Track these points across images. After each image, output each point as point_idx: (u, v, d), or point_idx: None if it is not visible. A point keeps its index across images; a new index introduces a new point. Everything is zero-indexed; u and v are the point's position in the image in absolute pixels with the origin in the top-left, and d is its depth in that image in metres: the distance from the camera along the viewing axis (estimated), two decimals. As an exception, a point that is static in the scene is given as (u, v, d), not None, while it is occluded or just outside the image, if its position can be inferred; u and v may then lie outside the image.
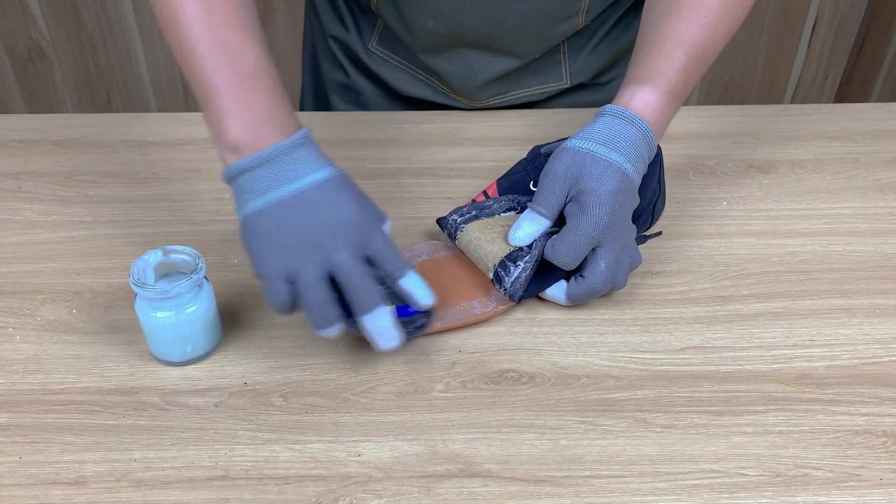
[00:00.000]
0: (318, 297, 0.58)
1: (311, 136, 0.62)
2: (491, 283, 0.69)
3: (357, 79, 0.97)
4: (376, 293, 0.59)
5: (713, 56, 0.72)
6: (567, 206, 0.66)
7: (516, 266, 0.67)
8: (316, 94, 1.03)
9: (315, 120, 0.93)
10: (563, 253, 0.65)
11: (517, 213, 0.72)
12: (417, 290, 0.61)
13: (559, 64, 0.92)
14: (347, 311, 0.60)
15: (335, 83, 1.00)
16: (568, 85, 0.93)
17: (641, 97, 0.68)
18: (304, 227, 0.58)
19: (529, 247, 0.67)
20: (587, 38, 0.92)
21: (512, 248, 0.68)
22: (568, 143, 0.67)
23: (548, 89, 0.93)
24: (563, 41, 0.90)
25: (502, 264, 0.67)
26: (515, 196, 0.73)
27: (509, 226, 0.69)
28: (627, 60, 0.95)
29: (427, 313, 0.64)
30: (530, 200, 0.68)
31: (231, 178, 0.61)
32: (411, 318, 0.64)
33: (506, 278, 0.67)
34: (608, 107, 0.68)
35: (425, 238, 0.77)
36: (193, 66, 0.62)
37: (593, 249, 0.65)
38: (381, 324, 0.60)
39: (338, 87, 1.00)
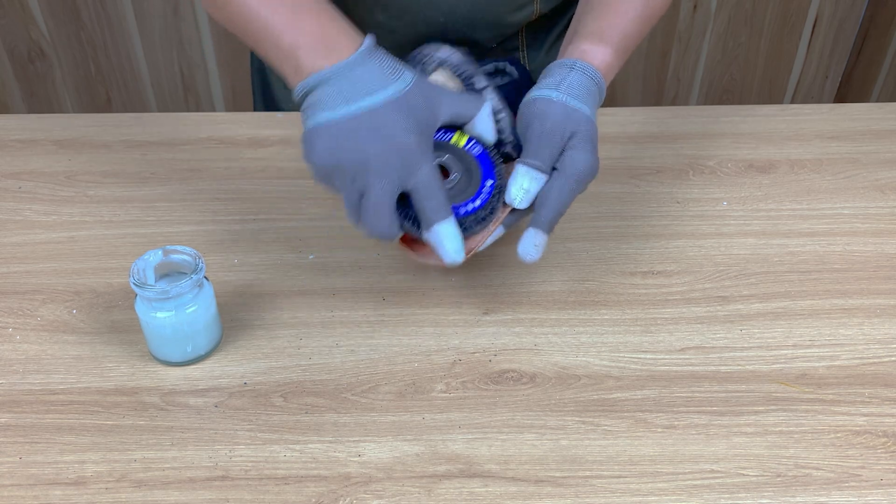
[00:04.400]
0: (354, 217, 0.61)
1: (371, 51, 0.62)
2: None
3: None
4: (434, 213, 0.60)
5: (658, 15, 0.74)
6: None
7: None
8: (265, 95, 1.01)
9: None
10: (549, 204, 0.64)
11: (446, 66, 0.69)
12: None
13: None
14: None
15: (284, 86, 0.98)
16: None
17: (604, 57, 0.68)
18: (350, 150, 0.59)
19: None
20: (545, 34, 0.91)
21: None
22: (553, 97, 0.66)
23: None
24: (522, 36, 0.90)
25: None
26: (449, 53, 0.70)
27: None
28: None
29: (489, 205, 0.63)
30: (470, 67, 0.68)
31: (299, 96, 0.62)
32: (473, 215, 0.63)
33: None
34: (579, 63, 0.67)
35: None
36: (243, 8, 0.64)
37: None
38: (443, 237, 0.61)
39: (287, 90, 0.98)
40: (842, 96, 2.12)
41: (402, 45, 0.86)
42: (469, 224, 0.63)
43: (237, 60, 1.94)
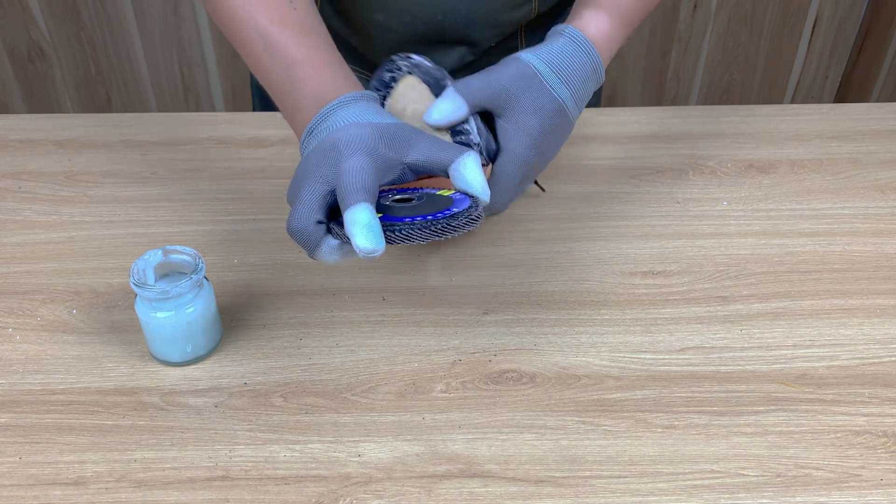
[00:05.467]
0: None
1: (370, 98, 0.61)
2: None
3: None
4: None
5: None
6: (498, 123, 0.64)
7: (465, 131, 0.62)
8: (264, 95, 1.01)
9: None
10: (497, 195, 0.64)
11: (396, 79, 0.66)
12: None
13: None
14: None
15: None
16: None
17: (599, 25, 0.67)
18: (309, 158, 0.57)
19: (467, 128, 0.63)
20: (545, 32, 0.91)
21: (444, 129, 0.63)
22: (521, 55, 0.65)
23: None
24: (521, 34, 0.90)
25: (455, 132, 0.63)
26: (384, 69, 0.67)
27: (415, 109, 0.64)
28: None
29: (445, 220, 0.54)
30: (397, 71, 0.66)
31: (303, 142, 0.61)
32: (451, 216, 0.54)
33: (471, 140, 0.62)
34: (569, 29, 0.66)
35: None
36: (254, 69, 0.65)
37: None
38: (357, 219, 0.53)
39: None
40: (842, 96, 2.12)
41: (401, 45, 0.86)
42: (409, 230, 0.53)
43: (237, 60, 1.94)
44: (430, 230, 0.54)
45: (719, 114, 0.96)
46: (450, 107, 0.62)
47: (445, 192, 0.58)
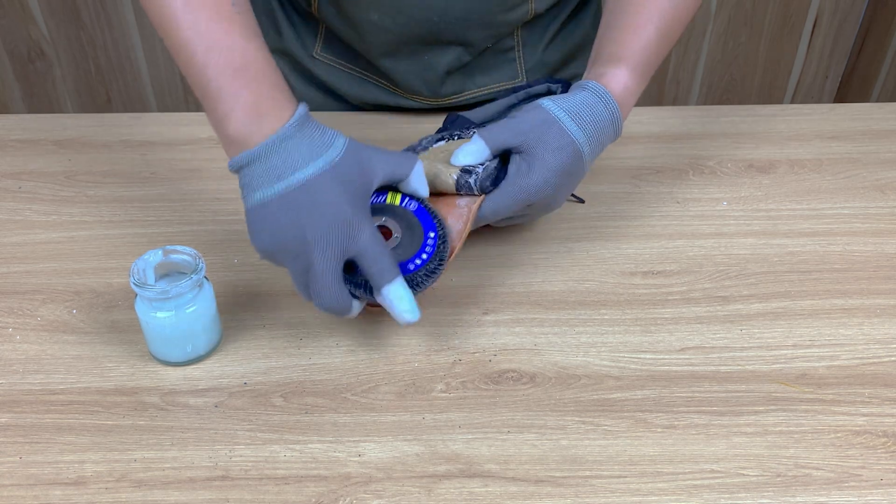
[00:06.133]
0: (304, 293, 0.61)
1: (302, 122, 0.61)
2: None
3: (301, 88, 0.95)
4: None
5: (682, 29, 0.74)
6: (514, 156, 0.68)
7: (477, 167, 0.68)
8: None
9: None
10: (486, 205, 0.67)
11: (447, 141, 0.72)
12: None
13: (514, 61, 0.91)
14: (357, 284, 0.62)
15: None
16: (524, 83, 0.92)
17: (619, 79, 0.69)
18: (288, 229, 0.59)
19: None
20: (541, 33, 0.91)
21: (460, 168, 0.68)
22: (543, 104, 0.68)
23: (503, 87, 0.93)
24: (517, 35, 0.90)
25: (464, 170, 0.68)
26: (442, 131, 0.75)
27: (446, 151, 0.70)
28: (581, 59, 0.96)
29: (437, 256, 0.64)
30: (454, 132, 0.72)
31: (233, 171, 0.62)
32: (421, 270, 0.63)
33: (473, 174, 0.67)
34: (591, 84, 0.69)
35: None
36: (187, 65, 0.62)
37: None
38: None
39: None
40: (842, 96, 2.12)
41: (397, 45, 0.86)
42: (420, 279, 0.63)
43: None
44: (432, 275, 0.63)
45: (719, 114, 0.96)
46: (474, 149, 0.68)
47: (395, 199, 0.66)
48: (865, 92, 2.06)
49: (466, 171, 0.68)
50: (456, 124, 0.76)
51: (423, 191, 0.66)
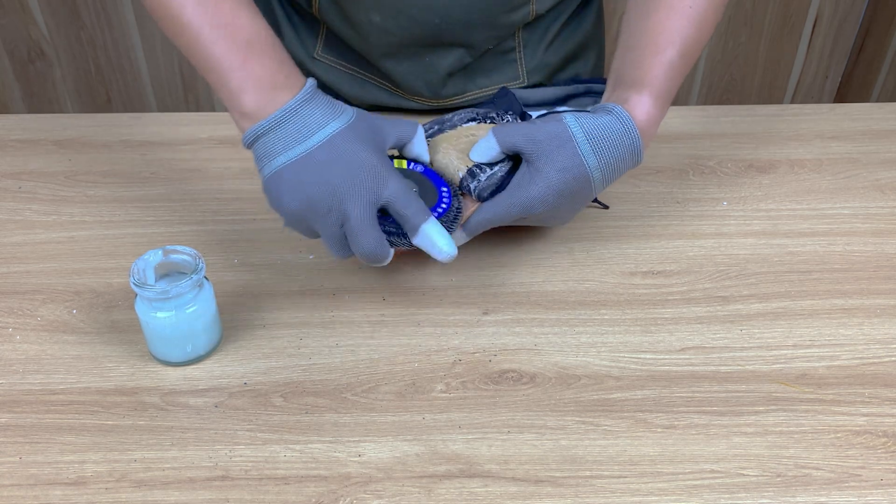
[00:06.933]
0: (339, 249, 0.63)
1: (314, 92, 0.64)
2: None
3: None
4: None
5: (700, 50, 0.73)
6: (523, 164, 0.68)
7: (484, 172, 0.69)
8: None
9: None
10: (477, 213, 0.68)
11: (478, 122, 0.74)
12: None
13: (515, 62, 0.91)
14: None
15: None
16: (525, 84, 0.92)
17: (644, 107, 0.69)
18: (317, 185, 0.61)
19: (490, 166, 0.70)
20: (542, 34, 0.91)
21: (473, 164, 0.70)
22: (566, 118, 0.68)
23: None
24: (518, 37, 0.90)
25: (470, 172, 0.69)
26: (475, 108, 0.76)
27: (473, 135, 0.72)
28: (582, 60, 0.96)
29: (454, 206, 0.67)
30: (489, 112, 0.74)
31: (249, 144, 0.64)
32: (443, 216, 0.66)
33: (476, 180, 0.69)
34: (618, 109, 0.68)
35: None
36: (193, 46, 0.64)
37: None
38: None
39: None
40: (842, 96, 2.12)
41: (399, 46, 0.86)
42: (446, 225, 0.66)
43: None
44: (454, 222, 0.67)
45: (719, 114, 0.96)
46: (486, 146, 0.69)
47: (401, 164, 0.70)
48: (865, 92, 2.06)
49: (473, 173, 0.69)
50: (503, 101, 0.77)
51: (425, 155, 0.70)
